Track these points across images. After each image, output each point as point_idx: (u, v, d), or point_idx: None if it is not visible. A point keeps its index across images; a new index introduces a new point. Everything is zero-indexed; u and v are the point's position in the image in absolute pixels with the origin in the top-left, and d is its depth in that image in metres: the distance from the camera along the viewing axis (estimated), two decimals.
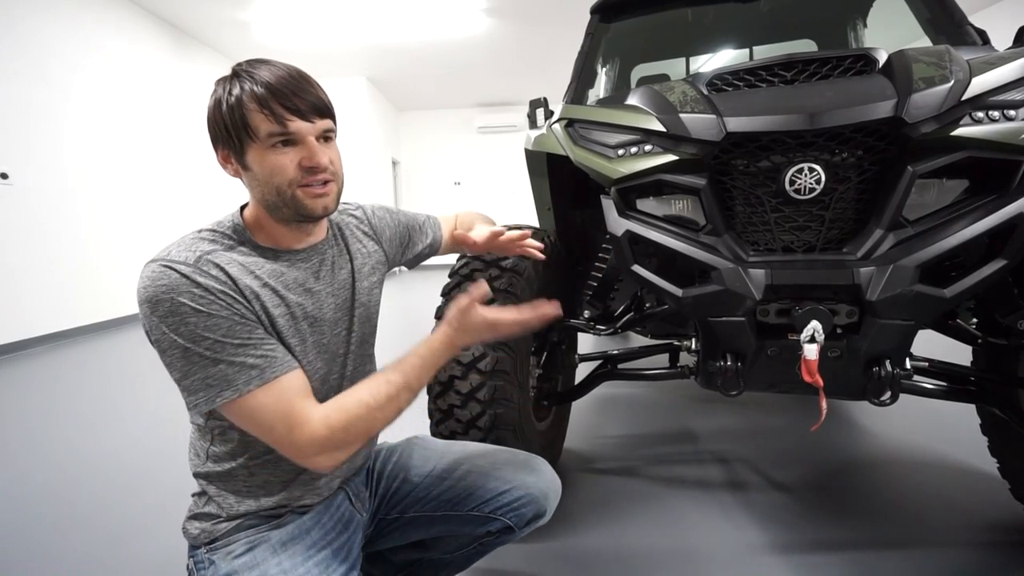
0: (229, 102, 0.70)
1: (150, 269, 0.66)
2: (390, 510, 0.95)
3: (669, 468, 1.79)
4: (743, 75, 1.22)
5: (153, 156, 5.53)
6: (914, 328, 1.02)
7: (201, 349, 0.65)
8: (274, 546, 0.76)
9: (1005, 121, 0.95)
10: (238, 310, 0.68)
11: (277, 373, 0.69)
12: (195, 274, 0.66)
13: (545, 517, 0.97)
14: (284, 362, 0.71)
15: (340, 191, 0.80)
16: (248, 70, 0.70)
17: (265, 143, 0.70)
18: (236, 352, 0.67)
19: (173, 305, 0.64)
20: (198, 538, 0.77)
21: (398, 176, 10.45)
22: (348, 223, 0.95)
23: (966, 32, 1.47)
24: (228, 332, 0.67)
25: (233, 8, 5.62)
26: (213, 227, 0.76)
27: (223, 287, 0.68)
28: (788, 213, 1.11)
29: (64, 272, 4.47)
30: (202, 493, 0.79)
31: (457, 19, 6.10)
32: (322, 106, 0.74)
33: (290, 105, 0.70)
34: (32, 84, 4.21)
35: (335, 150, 0.78)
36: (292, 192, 0.73)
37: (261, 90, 0.69)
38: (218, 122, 0.71)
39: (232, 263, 0.71)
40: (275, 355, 0.70)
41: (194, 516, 0.79)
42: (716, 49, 2.37)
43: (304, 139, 0.72)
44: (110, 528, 1.55)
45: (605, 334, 1.50)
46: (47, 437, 2.29)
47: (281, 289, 0.76)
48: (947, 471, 1.68)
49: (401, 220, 1.07)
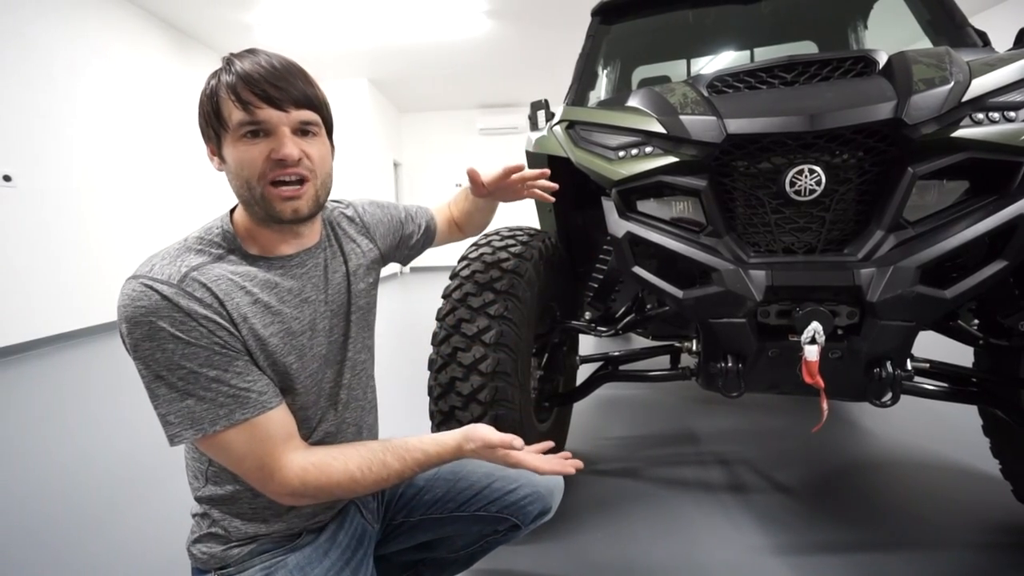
0: (208, 92, 0.68)
1: (131, 287, 0.62)
2: (396, 514, 0.94)
3: (670, 469, 1.79)
4: (744, 77, 1.23)
5: (157, 158, 5.55)
6: (915, 329, 1.02)
7: (175, 379, 0.62)
8: (292, 572, 0.74)
9: (1005, 122, 0.95)
10: (220, 338, 0.64)
11: (248, 415, 0.65)
12: (178, 296, 0.62)
13: (549, 514, 0.98)
14: (258, 403, 0.66)
15: (320, 193, 0.73)
16: (231, 59, 0.68)
17: (236, 132, 0.66)
18: (208, 386, 0.63)
19: (152, 329, 0.61)
20: (208, 563, 0.74)
21: (400, 178, 10.47)
22: (339, 222, 0.91)
23: (966, 34, 1.47)
24: (205, 362, 0.63)
25: (236, 11, 5.64)
26: (201, 235, 0.71)
27: (207, 311, 0.64)
28: (789, 214, 1.11)
29: (69, 273, 4.49)
30: (204, 515, 0.76)
31: (459, 21, 6.11)
32: (301, 97, 0.68)
33: (260, 92, 0.65)
34: (37, 87, 4.23)
35: (317, 147, 0.72)
36: (261, 189, 0.68)
37: (234, 79, 0.65)
38: (200, 113, 0.70)
39: (220, 279, 0.67)
40: (248, 394, 0.66)
41: (199, 539, 0.76)
42: (717, 51, 2.37)
43: (276, 129, 0.67)
44: (115, 529, 1.55)
45: (606, 335, 1.51)
46: (53, 438, 2.29)
47: (275, 303, 0.72)
48: (949, 472, 1.68)
49: (392, 214, 1.04)
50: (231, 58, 0.68)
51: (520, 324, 1.29)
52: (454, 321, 1.28)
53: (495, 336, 1.24)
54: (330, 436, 0.81)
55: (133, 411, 2.61)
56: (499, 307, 1.26)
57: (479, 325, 1.25)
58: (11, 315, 4.01)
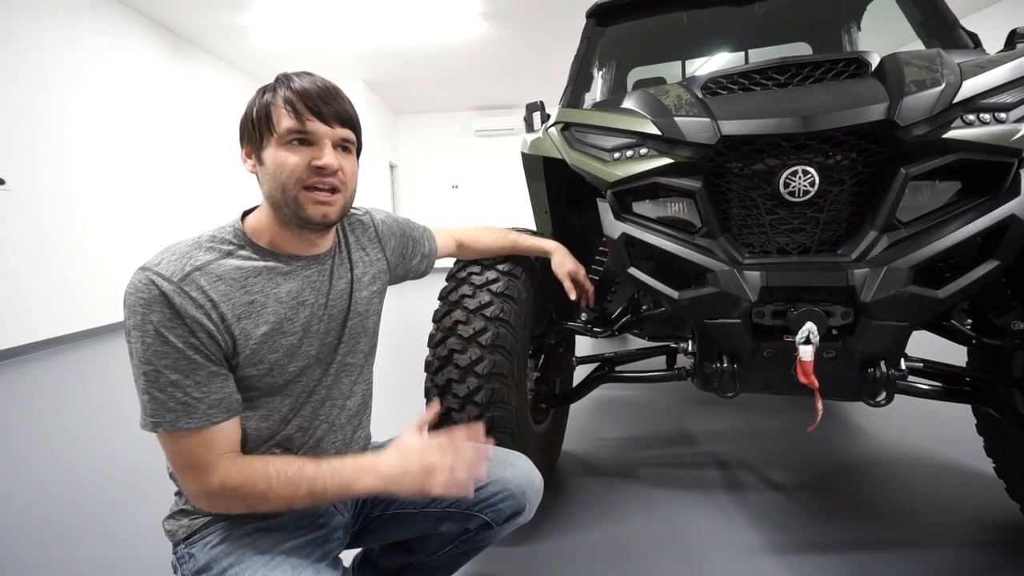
0: (261, 102, 0.75)
1: (138, 277, 0.68)
2: (373, 508, 0.96)
3: (667, 470, 1.80)
4: (737, 78, 1.23)
5: (153, 161, 5.52)
6: (908, 329, 1.03)
7: (142, 372, 0.67)
8: (250, 532, 0.77)
9: (996, 123, 0.96)
10: (197, 339, 0.68)
11: (191, 425, 0.68)
12: (173, 294, 0.67)
13: (525, 514, 0.97)
14: (205, 415, 0.69)
15: (347, 205, 0.81)
16: (288, 77, 0.76)
17: (283, 138, 0.73)
18: (164, 388, 0.67)
19: (142, 320, 0.66)
20: (176, 535, 0.79)
21: (396, 180, 10.45)
22: (354, 228, 0.96)
23: (958, 35, 1.48)
24: (171, 364, 0.67)
25: (231, 13, 5.63)
26: (214, 233, 0.77)
27: (197, 312, 0.68)
28: (783, 215, 1.11)
29: (66, 277, 4.47)
30: (179, 493, 0.81)
31: (454, 23, 6.11)
32: (345, 116, 0.77)
33: (312, 107, 0.73)
34: (32, 90, 4.21)
35: (351, 163, 0.80)
36: (296, 192, 0.74)
37: (291, 93, 0.73)
38: (248, 118, 0.76)
39: (222, 280, 0.71)
40: (198, 406, 0.68)
41: (171, 515, 0.81)
42: (711, 52, 2.39)
43: (319, 140, 0.75)
44: (113, 531, 1.55)
45: (602, 336, 1.51)
46: (50, 441, 2.28)
47: (271, 303, 0.76)
48: (943, 471, 1.69)
49: (405, 229, 1.08)
50: (289, 75, 0.76)
51: (516, 325, 1.30)
52: (450, 323, 1.28)
53: (491, 338, 1.24)
54: (301, 431, 0.83)
55: (130, 414, 2.60)
56: (495, 309, 1.26)
57: (475, 327, 1.25)
58: (7, 319, 3.99)
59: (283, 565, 0.73)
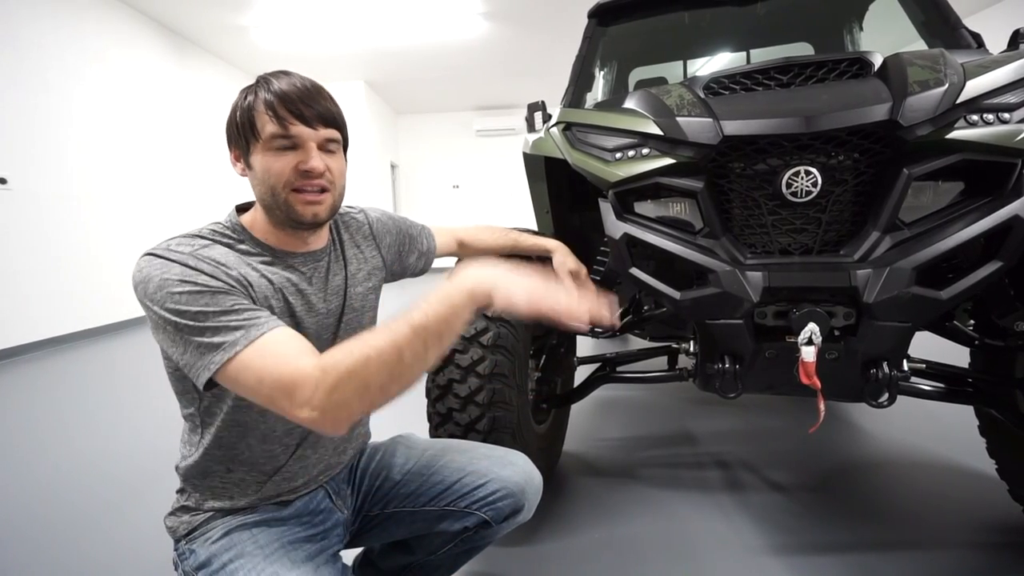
0: (243, 105, 0.75)
1: (145, 259, 0.69)
2: (372, 507, 0.96)
3: (668, 470, 1.79)
4: (739, 79, 1.23)
5: (154, 160, 5.53)
6: (911, 330, 1.03)
7: (187, 320, 0.65)
8: (250, 527, 0.78)
9: (999, 124, 0.95)
10: (223, 283, 0.68)
11: (263, 331, 0.65)
12: (187, 259, 0.68)
13: (523, 513, 0.96)
14: (268, 322, 0.67)
15: (336, 203, 0.81)
16: (267, 79, 0.75)
17: (268, 144, 0.73)
18: (219, 318, 0.65)
19: (161, 281, 0.66)
20: (177, 531, 0.80)
21: (396, 180, 10.45)
22: (348, 225, 0.96)
23: (961, 35, 1.48)
24: (211, 301, 0.66)
25: (232, 13, 5.63)
26: (212, 227, 0.78)
27: (214, 268, 0.69)
28: (785, 216, 1.11)
29: (67, 276, 4.47)
30: (182, 490, 0.83)
31: (455, 23, 6.11)
32: (328, 116, 0.76)
33: (294, 110, 0.73)
34: (32, 90, 4.21)
35: (337, 161, 0.80)
36: (285, 195, 0.75)
37: (271, 96, 0.73)
38: (232, 123, 0.77)
39: (228, 255, 0.73)
40: (257, 318, 0.67)
41: (173, 512, 0.82)
42: (713, 52, 2.38)
43: (304, 144, 0.74)
44: (113, 531, 1.55)
45: (604, 337, 1.51)
46: (50, 441, 2.28)
47: (276, 282, 0.77)
48: (945, 472, 1.68)
49: (401, 227, 1.08)
50: (267, 77, 0.76)
51: (517, 326, 1.29)
52: None
53: (492, 338, 1.24)
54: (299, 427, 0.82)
55: (131, 414, 2.60)
56: None
57: (476, 327, 1.25)
58: (7, 319, 3.99)
59: (283, 560, 0.73)
